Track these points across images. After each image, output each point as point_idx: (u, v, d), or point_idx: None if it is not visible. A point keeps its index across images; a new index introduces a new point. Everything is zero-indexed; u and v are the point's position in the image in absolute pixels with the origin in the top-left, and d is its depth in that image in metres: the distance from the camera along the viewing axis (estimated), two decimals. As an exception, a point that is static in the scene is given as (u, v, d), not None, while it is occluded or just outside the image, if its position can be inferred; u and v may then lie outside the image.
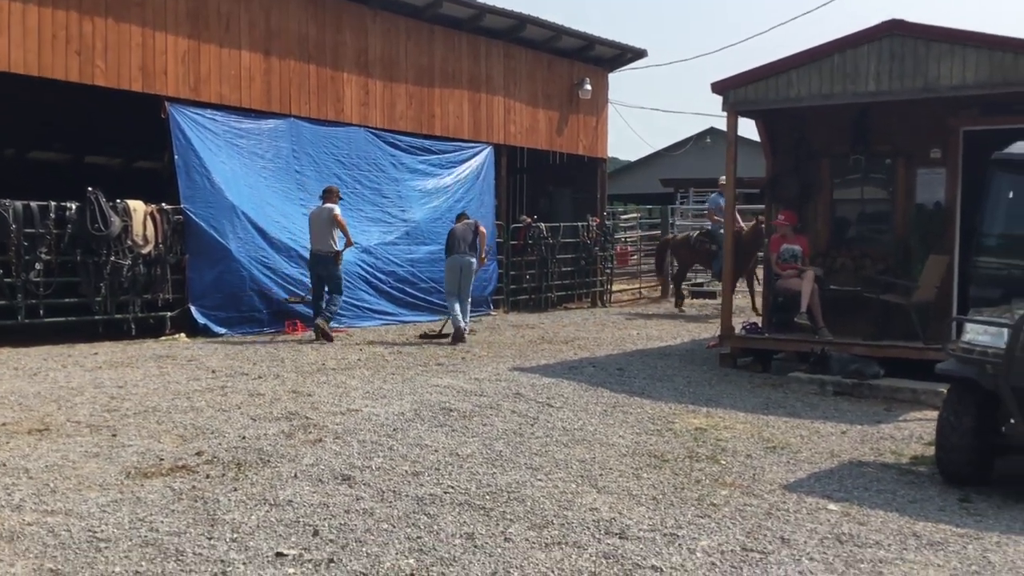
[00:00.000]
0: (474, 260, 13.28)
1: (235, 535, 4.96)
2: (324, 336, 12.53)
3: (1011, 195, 7.36)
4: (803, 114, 11.67)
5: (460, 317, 13.04)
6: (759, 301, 15.79)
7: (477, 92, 18.10)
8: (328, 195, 13.21)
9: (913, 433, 8.03)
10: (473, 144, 17.80)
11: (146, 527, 5.04)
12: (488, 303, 17.38)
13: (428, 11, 16.63)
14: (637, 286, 22.85)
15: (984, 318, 6.50)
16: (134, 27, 12.87)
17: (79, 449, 6.57)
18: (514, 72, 18.90)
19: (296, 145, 14.73)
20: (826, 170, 12.11)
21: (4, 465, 6.10)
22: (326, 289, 12.84)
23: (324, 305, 12.79)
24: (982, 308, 6.85)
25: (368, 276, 15.00)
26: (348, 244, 13.08)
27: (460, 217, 13.87)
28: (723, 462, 6.88)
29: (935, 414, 7.50)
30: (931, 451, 6.96)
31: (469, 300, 13.51)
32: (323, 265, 12.78)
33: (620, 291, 21.99)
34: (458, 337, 12.86)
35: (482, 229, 13.56)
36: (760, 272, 16.02)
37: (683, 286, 22.81)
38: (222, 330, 13.02)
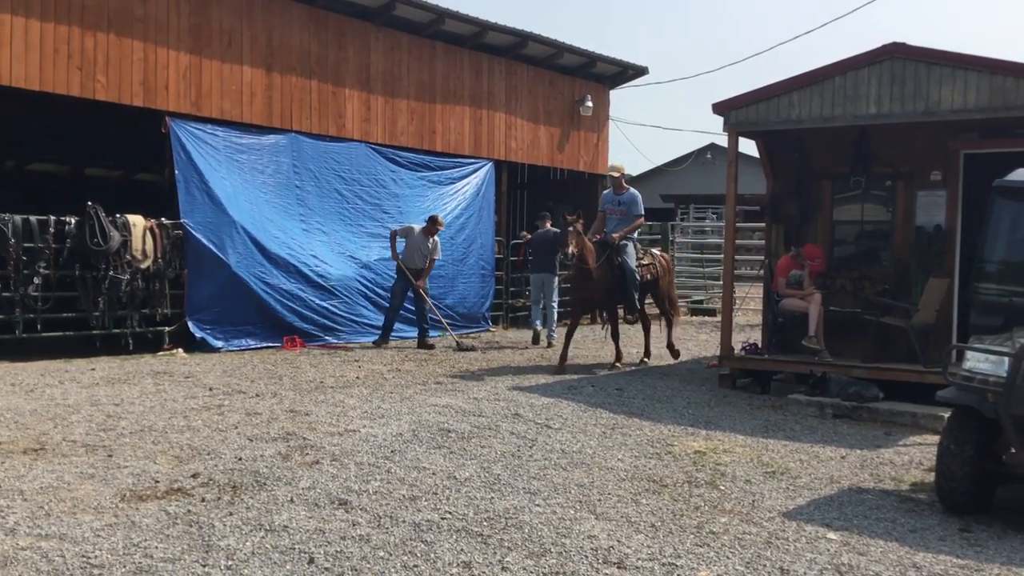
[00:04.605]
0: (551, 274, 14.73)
1: (230, 562, 4.92)
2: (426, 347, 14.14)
3: (1012, 222, 7.35)
4: (803, 135, 11.69)
5: (538, 324, 15.07)
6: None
7: (478, 108, 18.12)
8: (433, 224, 14.41)
9: (913, 459, 7.99)
10: (474, 160, 17.82)
11: (140, 553, 5.00)
12: (486, 319, 17.35)
13: (430, 28, 16.67)
14: (636, 302, 22.76)
15: (985, 346, 6.47)
16: (136, 42, 12.89)
17: (74, 470, 6.53)
18: (515, 89, 18.93)
19: (297, 160, 14.73)
20: (826, 191, 12.11)
21: (-1, 486, 6.07)
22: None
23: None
24: (983, 335, 6.82)
25: (368, 291, 14.99)
26: (424, 275, 14.48)
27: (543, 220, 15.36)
28: (722, 487, 6.84)
29: (935, 439, 7.49)
30: (931, 477, 6.93)
31: (552, 308, 14.98)
32: (408, 281, 14.28)
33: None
34: (535, 340, 14.82)
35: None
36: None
37: (680, 304, 22.78)
38: (219, 344, 13.00)
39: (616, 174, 12.95)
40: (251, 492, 6.15)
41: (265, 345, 13.46)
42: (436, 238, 14.49)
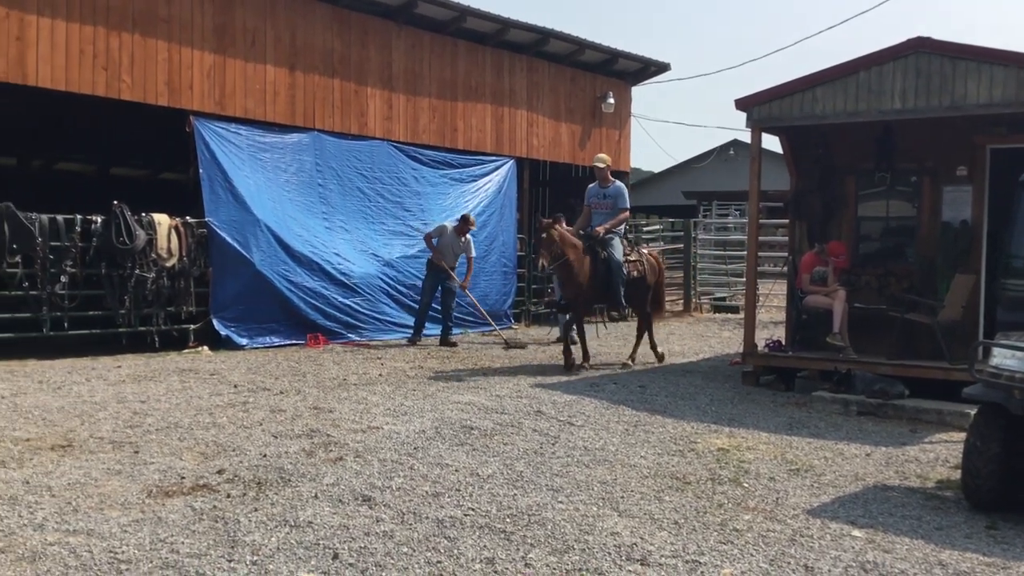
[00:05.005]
0: None
1: (255, 557, 4.95)
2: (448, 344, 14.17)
3: (1039, 218, 7.28)
4: (827, 130, 11.61)
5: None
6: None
7: (500, 106, 18.14)
8: (465, 223, 14.53)
9: (939, 456, 7.93)
10: (495, 157, 17.83)
11: (167, 548, 5.05)
12: (508, 317, 17.36)
13: (452, 26, 16.69)
14: (659, 300, 22.71)
15: (1012, 342, 6.41)
16: (160, 42, 12.99)
17: (101, 466, 6.60)
18: (537, 86, 18.93)
19: (319, 159, 14.80)
20: (851, 187, 12.03)
21: (27, 483, 6.14)
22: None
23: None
24: (1010, 332, 6.76)
25: (390, 289, 15.04)
26: (467, 276, 14.83)
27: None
28: (746, 485, 6.81)
29: (961, 436, 7.44)
30: (957, 475, 6.88)
31: None
32: (443, 278, 14.45)
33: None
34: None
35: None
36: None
37: (704, 299, 22.71)
38: (244, 341, 13.09)
39: (602, 165, 12.46)
40: (276, 488, 6.19)
41: (289, 343, 13.54)
42: (468, 237, 14.55)
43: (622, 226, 12.43)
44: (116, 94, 12.67)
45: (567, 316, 12.70)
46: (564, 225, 12.14)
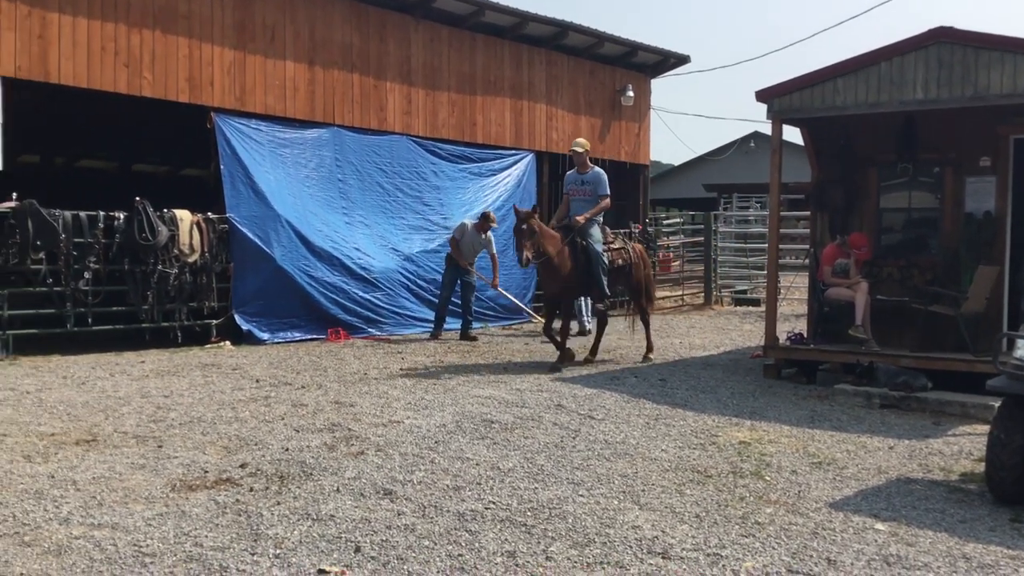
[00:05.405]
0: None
1: (278, 551, 4.99)
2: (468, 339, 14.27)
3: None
4: (849, 122, 11.53)
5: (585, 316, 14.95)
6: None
7: (519, 99, 18.13)
8: (485, 220, 14.48)
9: (962, 449, 7.88)
10: (515, 151, 17.84)
11: (190, 542, 5.09)
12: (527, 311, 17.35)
13: (470, 20, 16.70)
14: (680, 293, 22.71)
15: (1036, 334, 6.36)
16: (181, 39, 13.07)
17: (126, 460, 6.65)
18: (556, 79, 18.91)
19: (339, 154, 14.86)
20: (872, 178, 11.95)
21: (53, 477, 6.20)
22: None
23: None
24: (1034, 323, 6.70)
25: (410, 283, 15.09)
26: (495, 274, 14.92)
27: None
28: (768, 478, 6.79)
29: (985, 429, 7.38)
30: (981, 468, 6.83)
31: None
32: (463, 272, 14.48)
33: (662, 298, 21.83)
34: (581, 332, 14.45)
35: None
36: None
37: (725, 292, 22.64)
38: (265, 336, 13.16)
39: (580, 150, 11.92)
40: (298, 482, 6.22)
41: (310, 337, 13.61)
42: (489, 234, 14.56)
43: (601, 214, 12.03)
44: (137, 91, 12.76)
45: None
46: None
